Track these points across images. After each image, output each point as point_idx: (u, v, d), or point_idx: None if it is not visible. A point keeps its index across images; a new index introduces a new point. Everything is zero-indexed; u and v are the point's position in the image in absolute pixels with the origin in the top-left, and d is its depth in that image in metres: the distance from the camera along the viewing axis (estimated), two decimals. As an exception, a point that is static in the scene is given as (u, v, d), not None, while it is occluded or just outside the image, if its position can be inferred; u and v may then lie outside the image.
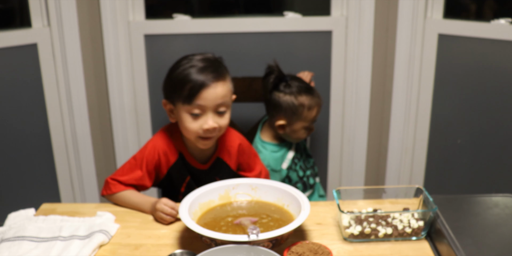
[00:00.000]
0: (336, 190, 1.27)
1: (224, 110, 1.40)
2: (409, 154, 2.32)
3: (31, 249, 1.18)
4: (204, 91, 1.36)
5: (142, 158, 1.44)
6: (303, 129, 1.75)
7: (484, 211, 1.24)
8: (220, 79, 1.38)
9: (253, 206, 1.29)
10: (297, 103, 1.71)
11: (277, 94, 1.73)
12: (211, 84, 1.36)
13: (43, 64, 2.16)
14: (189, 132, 1.40)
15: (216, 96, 1.37)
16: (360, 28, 2.18)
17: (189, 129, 1.39)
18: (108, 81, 2.24)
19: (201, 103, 1.36)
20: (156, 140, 1.47)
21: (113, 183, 1.43)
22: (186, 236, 1.25)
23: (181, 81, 1.37)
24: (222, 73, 1.40)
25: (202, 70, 1.37)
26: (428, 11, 2.15)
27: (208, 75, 1.37)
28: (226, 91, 1.39)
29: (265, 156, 1.73)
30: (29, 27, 2.13)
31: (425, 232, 1.22)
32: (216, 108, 1.38)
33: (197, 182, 1.48)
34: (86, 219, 1.31)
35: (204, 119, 1.38)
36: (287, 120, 1.73)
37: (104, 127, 2.34)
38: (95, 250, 1.19)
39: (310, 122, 1.75)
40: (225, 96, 1.39)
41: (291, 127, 1.73)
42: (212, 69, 1.38)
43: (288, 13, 2.23)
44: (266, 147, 1.76)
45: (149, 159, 1.44)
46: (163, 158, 1.46)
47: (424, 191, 1.26)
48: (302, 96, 1.72)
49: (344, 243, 1.21)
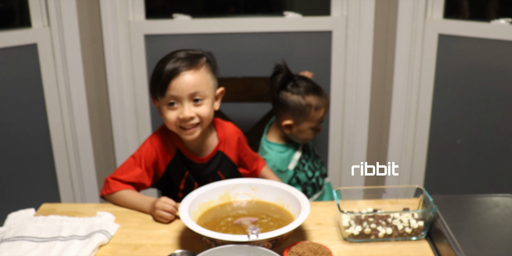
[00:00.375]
0: (336, 190, 1.27)
1: (200, 99, 1.38)
2: (409, 154, 2.32)
3: (31, 249, 1.18)
4: (174, 81, 1.35)
5: (141, 156, 1.45)
6: (310, 130, 1.74)
7: (484, 211, 1.24)
8: (191, 68, 1.37)
9: (253, 206, 1.29)
10: (304, 103, 1.70)
11: (284, 94, 1.73)
12: (180, 73, 1.35)
13: (43, 64, 2.16)
14: (169, 124, 1.40)
15: (188, 85, 1.35)
16: (360, 28, 2.18)
17: (168, 120, 1.39)
18: (108, 81, 2.24)
19: (173, 94, 1.36)
20: (152, 138, 1.48)
21: (112, 182, 1.43)
22: (186, 236, 1.25)
23: (156, 74, 1.39)
24: (195, 62, 1.38)
25: (176, 61, 1.37)
26: (428, 11, 2.15)
27: (180, 64, 1.36)
28: (199, 79, 1.37)
29: (271, 157, 1.73)
30: (29, 27, 2.13)
31: (425, 232, 1.22)
32: (191, 97, 1.37)
33: (197, 177, 1.49)
34: (86, 219, 1.31)
35: (180, 109, 1.37)
36: (294, 120, 1.73)
37: (104, 127, 2.34)
38: (95, 250, 1.19)
39: (317, 123, 1.75)
40: (198, 85, 1.37)
41: (298, 127, 1.73)
42: (186, 60, 1.37)
43: (288, 13, 2.23)
44: (272, 147, 1.75)
45: (147, 156, 1.45)
46: (160, 155, 1.46)
47: (424, 191, 1.26)
48: (309, 96, 1.71)
49: (344, 243, 1.21)
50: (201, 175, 1.48)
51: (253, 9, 2.39)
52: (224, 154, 1.51)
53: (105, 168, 2.41)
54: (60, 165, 2.30)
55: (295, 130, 1.74)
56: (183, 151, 1.47)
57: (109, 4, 2.14)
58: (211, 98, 1.41)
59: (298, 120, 1.72)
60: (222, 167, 1.51)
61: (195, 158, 1.48)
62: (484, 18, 2.13)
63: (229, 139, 1.53)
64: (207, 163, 1.49)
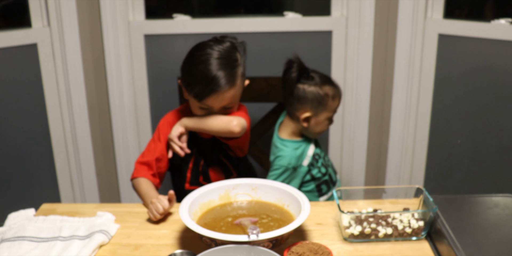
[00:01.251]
0: (336, 190, 1.27)
1: (231, 107, 1.47)
2: (409, 154, 2.32)
3: (31, 249, 1.18)
4: (213, 96, 1.41)
5: (159, 133, 1.55)
6: (326, 120, 1.76)
7: (484, 211, 1.24)
8: (231, 85, 1.42)
9: (253, 206, 1.29)
10: (322, 93, 1.72)
11: (301, 87, 1.74)
12: (220, 90, 1.41)
13: (43, 64, 2.16)
14: (195, 113, 1.50)
15: (224, 99, 1.43)
16: (360, 28, 2.19)
17: (195, 113, 1.50)
18: (108, 81, 2.24)
19: (209, 104, 1.44)
20: (167, 116, 1.58)
21: (136, 168, 1.51)
22: (186, 236, 1.25)
23: (194, 78, 1.42)
24: (233, 77, 1.43)
25: (216, 71, 1.40)
26: (428, 11, 2.15)
27: (220, 80, 1.40)
28: (234, 93, 1.45)
29: (286, 154, 1.73)
30: (29, 27, 2.13)
31: (425, 232, 1.22)
32: (223, 107, 1.46)
33: (205, 154, 1.55)
34: (86, 219, 1.31)
35: (211, 113, 1.47)
36: (313, 111, 1.73)
37: (104, 127, 2.34)
38: (95, 250, 1.19)
39: (333, 113, 1.77)
40: (233, 97, 1.45)
41: (317, 119, 1.74)
42: (225, 73, 1.41)
43: (288, 13, 2.23)
44: (286, 145, 1.75)
45: (163, 130, 1.54)
46: None
47: (424, 191, 1.26)
48: (326, 86, 1.74)
49: (344, 243, 1.21)
50: (212, 150, 1.56)
51: (253, 9, 2.39)
52: None
53: (105, 168, 2.41)
54: (60, 165, 2.30)
55: (313, 122, 1.75)
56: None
57: (109, 4, 2.14)
58: (239, 99, 1.50)
59: (317, 111, 1.73)
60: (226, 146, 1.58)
61: (204, 135, 1.55)
62: (484, 18, 2.13)
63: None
64: (214, 138, 1.55)
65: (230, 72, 1.42)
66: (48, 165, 2.29)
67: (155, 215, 1.31)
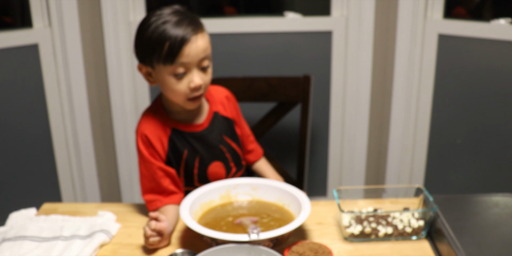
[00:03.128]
0: (337, 190, 1.28)
1: (207, 65, 1.29)
2: (409, 154, 2.32)
3: (32, 249, 1.18)
4: (186, 47, 1.24)
5: (141, 155, 1.35)
6: None
7: (484, 211, 1.24)
8: (199, 31, 1.27)
9: (254, 206, 1.29)
10: None
11: None
12: (191, 38, 1.24)
13: (44, 65, 2.16)
14: (176, 95, 1.29)
15: (198, 50, 1.25)
16: (360, 28, 2.19)
17: (176, 91, 1.28)
18: (109, 81, 2.24)
19: (184, 61, 1.25)
20: (138, 130, 1.37)
21: (148, 203, 1.33)
22: (187, 236, 1.25)
23: (157, 39, 1.25)
24: (199, 23, 1.28)
25: (178, 24, 1.25)
26: (428, 11, 2.15)
27: (187, 28, 1.24)
28: (207, 43, 1.29)
29: None
30: (30, 27, 2.13)
31: (425, 232, 1.22)
32: (200, 64, 1.27)
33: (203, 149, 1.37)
34: (87, 219, 1.31)
35: (189, 78, 1.27)
36: None
37: (105, 127, 2.34)
38: (96, 250, 1.20)
39: None
40: (207, 49, 1.28)
41: None
42: (189, 22, 1.26)
43: (288, 13, 2.24)
44: None
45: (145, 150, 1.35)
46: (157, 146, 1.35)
47: (424, 191, 1.26)
48: None
49: (344, 243, 1.21)
50: (209, 143, 1.38)
51: (253, 9, 2.39)
52: (220, 115, 1.42)
53: (106, 167, 2.41)
54: (61, 165, 2.30)
55: None
56: (179, 127, 1.36)
57: (110, 5, 2.14)
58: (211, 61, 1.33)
59: None
60: (226, 129, 1.42)
61: (194, 128, 1.37)
62: (484, 18, 2.14)
63: (217, 96, 1.43)
64: (209, 128, 1.38)
65: (192, 19, 1.27)
66: (49, 164, 2.29)
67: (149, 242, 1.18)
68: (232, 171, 1.44)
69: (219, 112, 1.42)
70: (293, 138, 2.19)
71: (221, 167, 1.41)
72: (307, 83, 1.79)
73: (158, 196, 1.32)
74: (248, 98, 1.90)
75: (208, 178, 1.40)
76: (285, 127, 2.21)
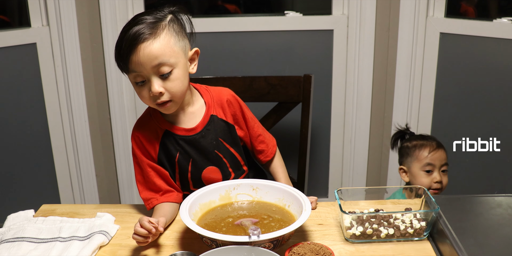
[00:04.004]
0: (338, 190, 1.27)
1: (168, 71, 1.22)
2: (411, 153, 2.31)
3: (30, 250, 1.17)
4: (133, 56, 1.19)
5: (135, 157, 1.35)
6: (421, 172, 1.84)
7: (486, 212, 1.23)
8: (150, 36, 1.19)
9: (254, 207, 1.28)
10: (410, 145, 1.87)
11: None
12: (137, 47, 1.18)
13: (42, 64, 2.16)
14: (145, 101, 1.27)
15: (149, 58, 1.19)
16: (361, 27, 2.18)
17: (142, 98, 1.26)
18: (108, 81, 2.24)
19: (136, 69, 1.20)
20: (133, 130, 1.36)
21: (145, 201, 1.34)
22: (187, 237, 1.25)
23: (117, 46, 1.21)
24: (154, 28, 1.20)
25: (132, 31, 1.18)
26: (430, 9, 2.14)
27: (137, 32, 1.18)
28: (161, 48, 1.20)
29: None
30: (28, 26, 2.13)
31: (427, 233, 1.21)
32: (157, 71, 1.21)
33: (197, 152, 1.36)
34: (86, 220, 1.30)
35: (148, 85, 1.23)
36: (405, 164, 1.89)
37: (103, 127, 2.34)
38: (95, 251, 1.19)
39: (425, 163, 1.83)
40: (161, 55, 1.20)
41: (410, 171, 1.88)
42: (145, 27, 1.19)
43: (289, 12, 2.23)
44: None
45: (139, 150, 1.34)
46: (148, 147, 1.34)
47: (426, 191, 1.25)
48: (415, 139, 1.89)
49: (345, 244, 1.20)
50: (201, 148, 1.35)
51: (254, 8, 2.38)
52: (219, 118, 1.37)
53: (105, 168, 2.40)
54: (59, 166, 2.30)
55: (409, 175, 1.88)
56: (172, 129, 1.34)
57: (108, 4, 2.13)
58: (181, 65, 1.25)
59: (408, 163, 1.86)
60: (224, 134, 1.38)
61: (187, 132, 1.34)
62: (486, 16, 2.13)
63: (218, 100, 1.38)
64: (202, 132, 1.34)
65: (150, 25, 1.20)
66: (47, 165, 2.28)
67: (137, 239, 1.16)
68: (230, 177, 1.42)
69: (218, 115, 1.38)
70: (293, 138, 2.18)
71: (217, 172, 1.39)
72: (308, 83, 1.79)
73: (155, 194, 1.34)
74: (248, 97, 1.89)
75: (203, 183, 1.39)
76: (285, 127, 2.20)
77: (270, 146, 1.49)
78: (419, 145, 1.82)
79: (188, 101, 1.35)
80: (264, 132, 1.49)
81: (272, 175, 1.52)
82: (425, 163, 1.81)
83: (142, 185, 1.36)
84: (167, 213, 1.30)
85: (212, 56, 2.22)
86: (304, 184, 1.85)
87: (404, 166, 1.87)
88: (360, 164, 2.38)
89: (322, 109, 2.32)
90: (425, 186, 1.81)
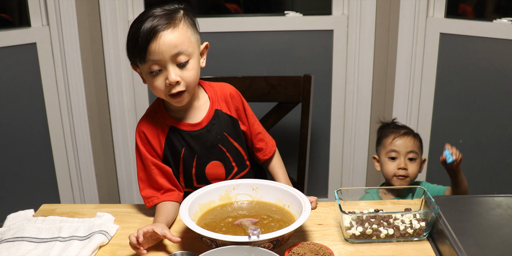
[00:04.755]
0: (337, 191, 1.27)
1: (185, 61, 1.25)
2: (410, 154, 2.32)
3: (30, 250, 1.17)
4: (153, 44, 1.21)
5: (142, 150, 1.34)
6: (387, 159, 1.83)
7: (486, 212, 1.23)
8: (169, 26, 1.23)
9: (254, 207, 1.28)
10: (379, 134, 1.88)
11: None
12: (158, 34, 1.21)
13: (42, 64, 2.16)
14: (157, 92, 1.29)
15: (169, 46, 1.22)
16: (361, 27, 2.18)
17: (155, 89, 1.27)
18: (108, 81, 2.24)
19: (155, 58, 1.22)
20: (137, 127, 1.36)
21: (145, 199, 1.34)
22: (186, 237, 1.24)
23: (131, 39, 1.24)
24: (172, 18, 1.24)
25: (150, 21, 1.22)
26: (430, 10, 2.14)
27: (157, 24, 1.21)
28: (179, 37, 1.23)
29: None
30: (28, 26, 2.13)
31: (427, 233, 1.21)
32: (175, 60, 1.24)
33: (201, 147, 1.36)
34: (86, 220, 1.30)
35: (165, 75, 1.25)
36: (376, 153, 1.90)
37: (103, 126, 2.34)
38: (95, 251, 1.19)
39: (389, 150, 1.81)
40: (180, 44, 1.23)
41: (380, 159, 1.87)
42: (162, 18, 1.23)
43: (289, 13, 2.23)
44: None
45: (143, 146, 1.34)
46: (154, 143, 1.35)
47: (426, 192, 1.25)
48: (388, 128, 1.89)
49: (345, 244, 1.20)
50: (206, 142, 1.35)
51: (254, 8, 2.38)
52: (223, 112, 1.39)
53: (104, 168, 2.40)
54: (59, 166, 2.30)
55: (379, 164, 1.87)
56: (177, 125, 1.35)
57: (108, 4, 2.13)
58: (196, 56, 1.29)
59: (378, 152, 1.86)
60: (228, 128, 1.39)
61: (191, 126, 1.35)
62: (486, 17, 2.13)
63: (220, 94, 1.40)
64: (207, 126, 1.36)
65: (167, 15, 1.24)
66: (47, 165, 2.28)
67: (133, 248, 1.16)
68: (233, 171, 1.42)
69: (222, 110, 1.40)
70: (293, 138, 2.18)
71: (220, 166, 1.40)
72: (308, 83, 1.79)
73: (156, 192, 1.34)
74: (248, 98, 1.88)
75: (206, 178, 1.39)
76: (285, 127, 2.20)
77: (269, 145, 1.50)
78: (388, 132, 1.81)
79: (195, 96, 1.36)
80: (263, 131, 1.50)
81: (271, 175, 1.53)
82: (389, 149, 1.79)
83: (143, 183, 1.36)
84: (170, 213, 1.30)
85: (212, 56, 2.22)
86: (304, 184, 1.84)
87: (376, 155, 1.87)
88: (360, 164, 2.38)
89: (322, 109, 2.32)
90: (390, 173, 1.80)
